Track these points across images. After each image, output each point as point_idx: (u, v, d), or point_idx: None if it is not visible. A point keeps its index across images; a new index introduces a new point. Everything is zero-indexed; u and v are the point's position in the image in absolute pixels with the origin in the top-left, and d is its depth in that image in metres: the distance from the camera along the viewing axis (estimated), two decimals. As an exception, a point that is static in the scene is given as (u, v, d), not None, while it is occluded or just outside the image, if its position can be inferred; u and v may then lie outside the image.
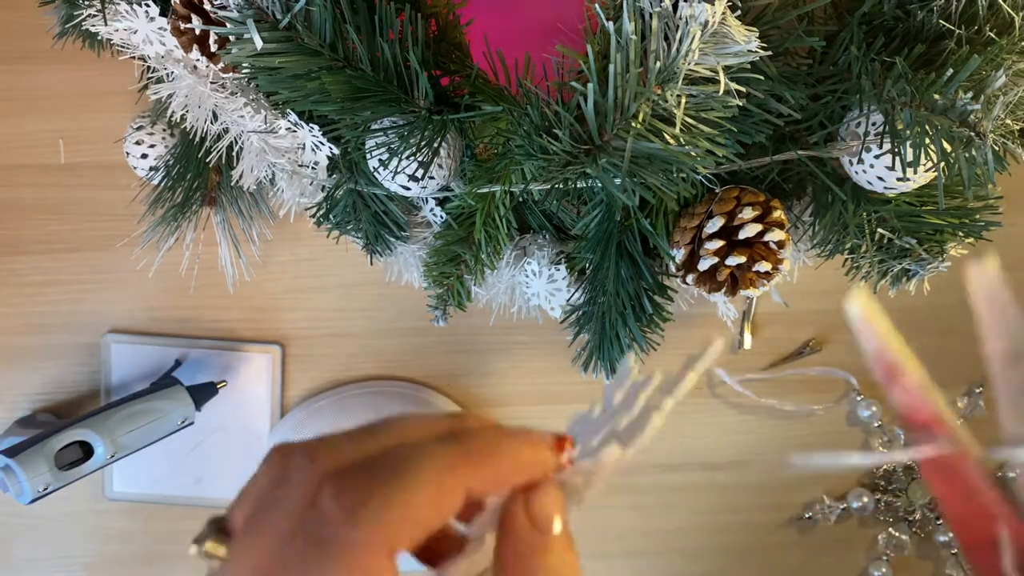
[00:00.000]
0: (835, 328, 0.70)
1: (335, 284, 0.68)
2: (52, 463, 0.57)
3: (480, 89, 0.45)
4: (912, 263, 0.47)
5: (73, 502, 0.69)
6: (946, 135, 0.37)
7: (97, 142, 0.66)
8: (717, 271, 0.48)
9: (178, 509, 0.70)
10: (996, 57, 0.39)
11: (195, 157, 0.56)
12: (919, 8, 0.41)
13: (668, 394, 0.24)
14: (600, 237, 0.50)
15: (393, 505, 0.21)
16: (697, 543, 0.72)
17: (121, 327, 0.68)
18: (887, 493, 0.71)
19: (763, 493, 0.71)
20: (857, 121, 0.42)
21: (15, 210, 0.67)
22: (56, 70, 0.65)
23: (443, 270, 0.53)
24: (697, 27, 0.33)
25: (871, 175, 0.42)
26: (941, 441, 0.22)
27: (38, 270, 0.68)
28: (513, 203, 0.49)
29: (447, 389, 0.70)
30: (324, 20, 0.40)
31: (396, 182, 0.46)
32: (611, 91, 0.35)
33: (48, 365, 0.69)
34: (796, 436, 0.71)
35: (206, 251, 0.64)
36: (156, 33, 0.46)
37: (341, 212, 0.53)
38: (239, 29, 0.39)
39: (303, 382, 0.69)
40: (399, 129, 0.44)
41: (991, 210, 0.46)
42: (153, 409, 0.62)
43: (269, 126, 0.47)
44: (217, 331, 0.68)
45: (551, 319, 0.57)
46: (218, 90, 0.47)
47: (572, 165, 0.38)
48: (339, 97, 0.42)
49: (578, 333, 0.55)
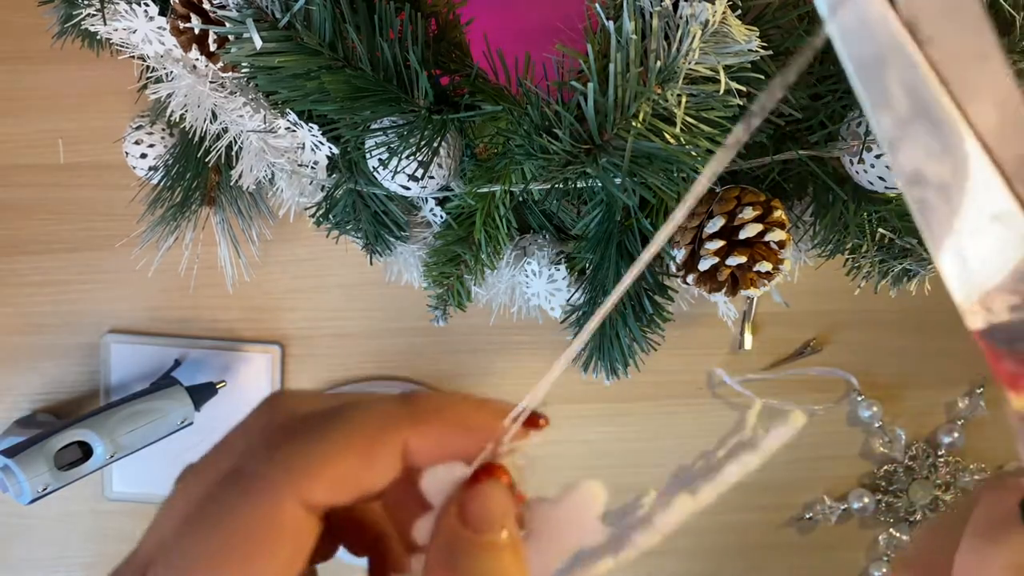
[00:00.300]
0: (836, 328, 0.70)
1: (335, 284, 0.68)
2: (51, 463, 0.57)
3: (480, 89, 0.45)
4: (913, 263, 0.47)
5: (72, 502, 0.69)
6: (947, 135, 0.36)
7: (96, 142, 0.66)
8: (718, 271, 0.48)
9: (178, 509, 0.70)
10: (997, 56, 0.39)
11: (194, 157, 0.56)
12: (920, 7, 0.41)
13: (710, 480, 0.22)
14: (600, 237, 0.50)
15: (312, 451, 0.20)
16: (697, 543, 0.72)
17: (121, 327, 0.68)
18: (888, 494, 0.71)
19: (763, 493, 0.71)
20: (858, 120, 0.42)
21: (14, 210, 0.67)
22: (55, 70, 0.65)
23: (443, 270, 0.53)
24: (698, 26, 0.33)
25: (872, 175, 0.42)
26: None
27: (37, 270, 0.67)
28: (513, 203, 0.49)
29: (447, 389, 0.70)
30: (324, 19, 0.40)
31: (396, 182, 0.46)
32: (611, 90, 0.35)
33: (48, 365, 0.68)
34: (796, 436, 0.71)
35: (205, 251, 0.64)
36: (155, 32, 0.46)
37: (341, 212, 0.52)
38: (238, 28, 0.39)
39: (303, 382, 0.69)
40: (399, 129, 0.43)
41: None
42: (153, 409, 0.62)
43: (268, 126, 0.47)
44: (217, 331, 0.68)
45: (551, 319, 0.57)
46: (217, 89, 0.47)
47: (572, 165, 0.38)
48: (339, 96, 0.42)
49: (578, 333, 0.55)
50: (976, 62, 0.15)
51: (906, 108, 0.16)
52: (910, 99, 0.16)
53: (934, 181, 0.16)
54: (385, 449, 0.20)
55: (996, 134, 0.16)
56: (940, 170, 0.16)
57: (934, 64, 0.15)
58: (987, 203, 0.16)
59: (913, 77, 0.15)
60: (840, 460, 0.71)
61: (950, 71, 0.15)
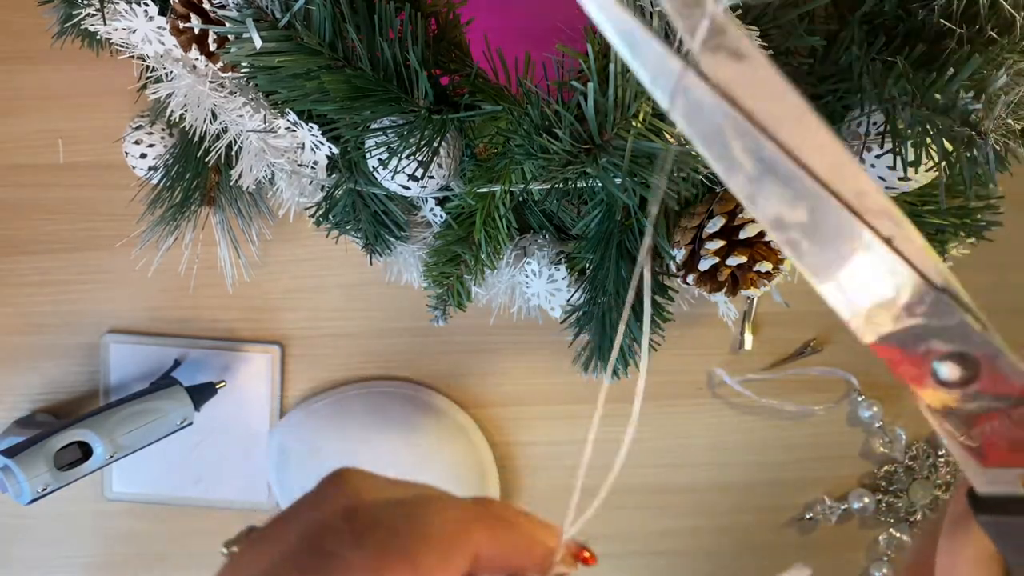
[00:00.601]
0: (836, 328, 0.70)
1: (334, 284, 0.68)
2: (51, 463, 0.57)
3: (480, 88, 0.45)
4: (913, 263, 0.47)
5: (72, 502, 0.69)
6: (947, 135, 0.36)
7: (96, 142, 0.66)
8: (718, 271, 0.48)
9: (177, 509, 0.70)
10: (997, 56, 0.39)
11: (194, 157, 0.56)
12: (920, 7, 0.41)
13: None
14: (600, 237, 0.50)
15: (397, 545, 0.20)
16: (697, 543, 0.72)
17: (120, 327, 0.68)
18: (888, 494, 0.71)
19: (764, 494, 0.71)
20: (858, 120, 0.42)
21: (14, 210, 0.67)
22: (55, 70, 0.65)
23: (443, 270, 0.53)
24: (698, 26, 0.33)
25: (872, 175, 0.42)
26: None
27: (37, 270, 0.67)
28: (513, 203, 0.49)
29: (447, 389, 0.69)
30: (323, 19, 0.39)
31: (396, 182, 0.46)
32: (611, 90, 0.34)
33: (47, 365, 0.68)
34: (797, 437, 0.71)
35: (205, 251, 0.64)
36: (155, 32, 0.45)
37: (340, 212, 0.52)
38: (238, 28, 0.39)
39: (302, 382, 0.69)
40: (399, 128, 0.43)
41: (992, 210, 0.46)
42: (152, 409, 0.61)
43: (268, 125, 0.47)
44: (216, 331, 0.68)
45: (551, 319, 0.57)
46: (217, 89, 0.47)
47: (572, 165, 0.38)
48: (338, 96, 0.42)
49: (578, 333, 0.55)
50: (795, 121, 0.18)
51: (753, 168, 0.18)
52: (754, 160, 0.18)
53: (795, 223, 0.19)
54: (461, 551, 0.21)
55: (831, 176, 0.18)
56: (798, 214, 0.19)
57: (764, 129, 0.18)
58: (847, 235, 0.19)
59: (751, 143, 0.18)
60: (840, 460, 0.71)
61: (778, 132, 0.18)
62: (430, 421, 0.67)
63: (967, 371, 0.20)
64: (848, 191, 0.18)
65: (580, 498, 0.24)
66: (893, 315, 0.20)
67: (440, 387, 0.70)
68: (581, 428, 0.70)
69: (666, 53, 0.18)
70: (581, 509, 0.25)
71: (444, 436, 0.68)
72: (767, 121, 0.18)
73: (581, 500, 0.24)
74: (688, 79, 0.18)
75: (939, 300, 0.19)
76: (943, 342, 0.20)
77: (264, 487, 0.70)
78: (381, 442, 0.66)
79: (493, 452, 0.69)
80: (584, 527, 0.69)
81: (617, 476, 0.24)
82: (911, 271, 0.19)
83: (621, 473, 0.23)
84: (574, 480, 0.24)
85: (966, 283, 0.20)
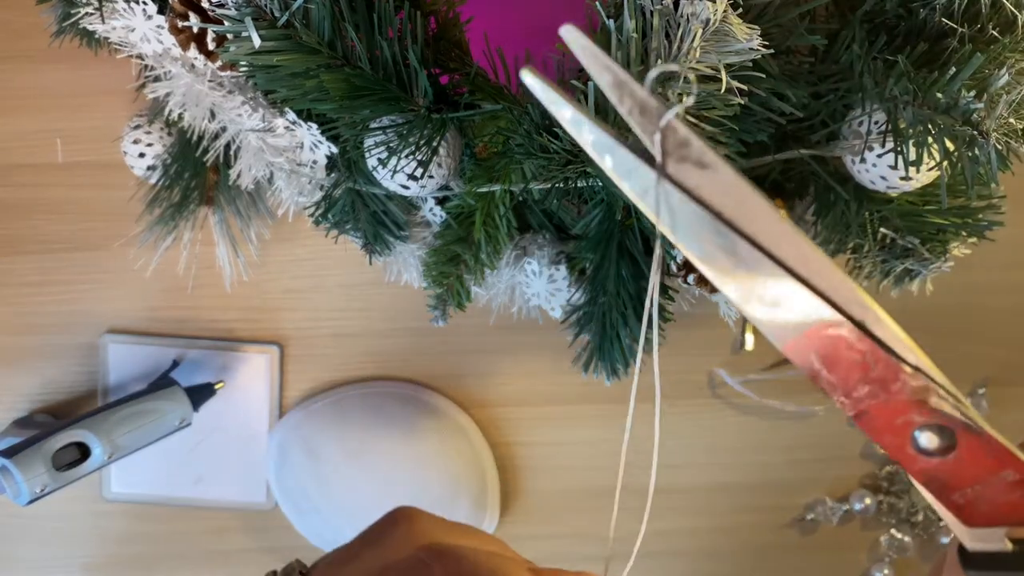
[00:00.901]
0: (836, 328, 0.69)
1: (334, 284, 0.68)
2: (49, 464, 0.57)
3: (480, 87, 0.45)
4: (915, 263, 0.47)
5: (71, 503, 0.69)
6: (949, 134, 0.36)
7: (94, 141, 0.66)
8: (718, 271, 0.47)
9: (176, 510, 0.70)
10: (999, 55, 0.39)
11: (193, 156, 0.56)
12: (921, 6, 0.41)
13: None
14: (601, 237, 0.50)
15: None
16: (698, 544, 0.72)
17: (119, 327, 0.68)
18: (889, 495, 0.71)
19: (764, 494, 0.71)
20: (859, 120, 0.42)
21: (12, 210, 0.67)
22: (53, 69, 0.65)
23: (443, 270, 0.52)
24: (698, 25, 0.33)
25: (874, 174, 0.42)
26: None
27: (35, 270, 0.67)
28: (513, 202, 0.49)
29: (447, 389, 0.69)
30: (323, 18, 0.39)
31: (395, 181, 0.46)
32: (612, 89, 0.34)
33: (45, 365, 0.68)
34: (798, 437, 0.70)
35: (204, 251, 0.64)
36: (154, 31, 0.45)
37: (339, 211, 0.52)
38: (237, 27, 0.39)
39: (302, 382, 0.69)
40: (398, 128, 0.43)
41: (994, 209, 0.46)
42: (151, 410, 0.61)
43: (267, 125, 0.47)
44: (215, 331, 0.68)
45: (551, 319, 0.57)
46: (216, 88, 0.46)
47: (573, 164, 0.38)
48: (338, 95, 0.41)
49: (578, 333, 0.54)
50: (759, 217, 0.21)
51: (726, 260, 0.21)
52: (726, 254, 0.21)
53: (768, 299, 0.22)
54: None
55: (775, 244, 0.21)
56: (771, 292, 0.21)
57: (731, 224, 0.21)
58: (808, 308, 0.21)
59: (724, 240, 0.21)
60: (841, 461, 0.71)
61: (748, 227, 0.21)
62: (430, 421, 0.67)
63: (945, 440, 0.22)
64: (792, 256, 0.21)
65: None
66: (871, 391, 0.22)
67: (440, 387, 0.69)
68: (581, 428, 0.69)
69: (640, 165, 0.20)
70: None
71: (444, 436, 0.67)
72: (735, 218, 0.21)
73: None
74: (664, 187, 0.21)
75: (915, 375, 0.21)
76: (919, 414, 0.22)
77: (263, 487, 0.69)
78: (380, 442, 0.66)
79: (493, 452, 0.69)
80: (589, 527, 0.69)
81: (616, 477, 0.24)
82: (885, 353, 0.21)
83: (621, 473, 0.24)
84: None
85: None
